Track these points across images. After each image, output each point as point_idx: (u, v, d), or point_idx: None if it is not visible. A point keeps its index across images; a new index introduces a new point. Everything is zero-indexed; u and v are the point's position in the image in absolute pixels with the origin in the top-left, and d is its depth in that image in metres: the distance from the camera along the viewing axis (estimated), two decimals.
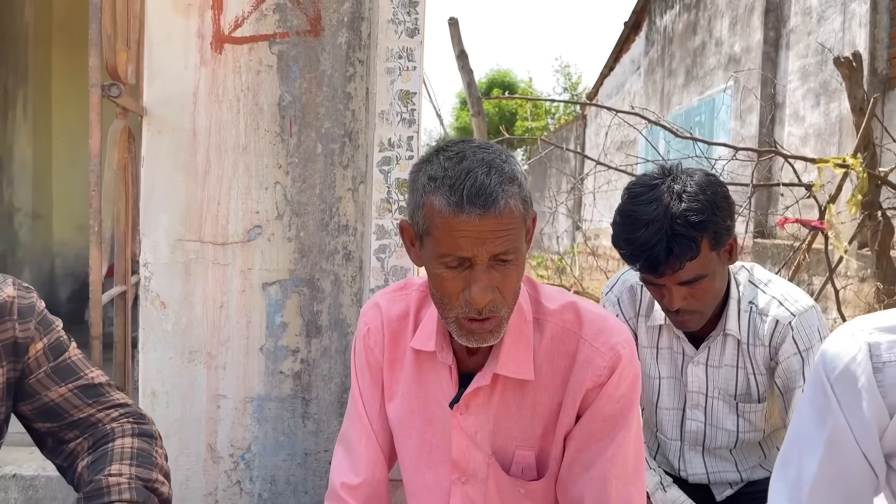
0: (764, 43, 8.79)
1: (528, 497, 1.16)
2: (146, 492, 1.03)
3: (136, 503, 0.99)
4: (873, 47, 6.76)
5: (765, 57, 8.78)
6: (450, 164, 1.02)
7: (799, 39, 8.23)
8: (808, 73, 7.97)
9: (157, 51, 1.56)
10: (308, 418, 1.65)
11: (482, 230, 0.98)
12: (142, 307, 1.59)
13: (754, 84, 8.80)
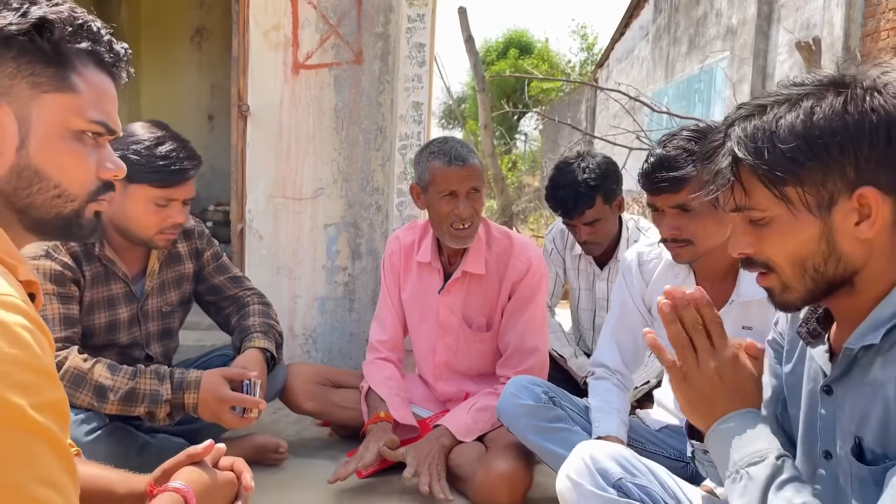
0: (758, 17, 9.14)
1: (481, 342, 2.08)
2: (269, 328, 1.95)
3: (268, 329, 1.91)
4: (848, 26, 7.21)
5: (758, 30, 9.17)
6: (440, 145, 1.93)
7: (788, 14, 8.64)
8: (794, 46, 8.46)
9: (258, 74, 2.44)
10: (353, 311, 2.57)
11: (461, 175, 1.88)
12: (247, 239, 2.51)
13: (748, 55, 9.31)
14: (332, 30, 2.44)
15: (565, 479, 1.18)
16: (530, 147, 25.23)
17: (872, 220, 0.83)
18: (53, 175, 0.83)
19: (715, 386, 0.93)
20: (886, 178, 0.83)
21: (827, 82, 0.86)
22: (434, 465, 1.79)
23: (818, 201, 0.84)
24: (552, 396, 1.77)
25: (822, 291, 0.90)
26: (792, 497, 0.83)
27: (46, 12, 0.81)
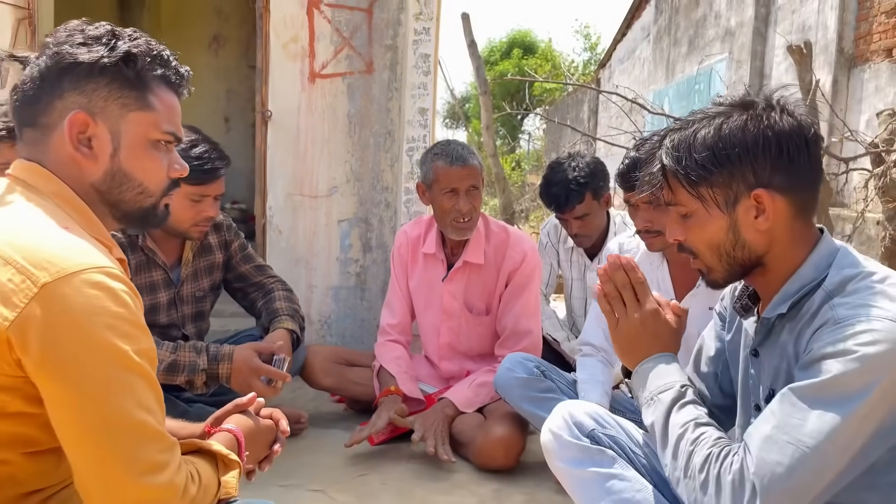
0: (755, 19, 9.29)
1: (481, 325, 2.31)
2: (294, 312, 2.18)
3: (293, 313, 2.14)
4: (841, 29, 7.38)
5: (755, 32, 9.32)
6: (443, 147, 2.17)
7: (785, 17, 8.80)
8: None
9: (278, 82, 2.68)
10: (364, 300, 2.80)
11: (462, 174, 2.12)
12: (268, 233, 2.74)
13: (745, 57, 9.48)
14: (346, 42, 2.68)
15: (547, 432, 1.40)
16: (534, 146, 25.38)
17: (767, 215, 1.06)
18: (137, 176, 1.07)
19: (638, 333, 1.17)
20: (779, 181, 1.06)
21: (737, 103, 1.09)
22: (439, 431, 2.02)
23: (725, 199, 1.07)
24: (543, 370, 2.00)
25: (737, 272, 1.13)
26: (688, 413, 1.07)
27: (130, 46, 1.04)
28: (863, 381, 0.94)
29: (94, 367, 0.88)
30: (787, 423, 0.96)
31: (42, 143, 1.03)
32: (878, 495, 1.04)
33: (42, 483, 0.98)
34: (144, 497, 0.91)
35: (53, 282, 0.87)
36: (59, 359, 0.87)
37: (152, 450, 0.92)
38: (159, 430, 0.93)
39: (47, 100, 1.02)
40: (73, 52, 1.01)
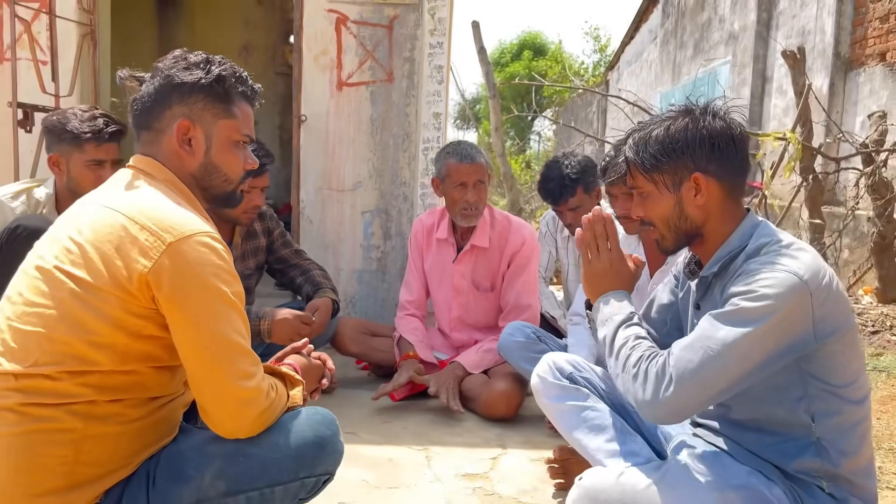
0: (757, 23, 9.51)
1: (486, 301, 2.67)
2: (333, 288, 2.55)
3: (331, 288, 2.52)
4: (838, 33, 7.63)
5: (757, 36, 9.54)
6: (454, 147, 2.54)
7: (785, 22, 9.01)
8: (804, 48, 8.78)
9: (309, 89, 3.05)
10: (384, 282, 3.18)
11: (470, 170, 2.48)
12: (301, 222, 3.12)
13: (748, 60, 9.71)
14: (369, 55, 3.05)
15: (535, 376, 1.77)
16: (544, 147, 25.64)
17: (703, 193, 1.42)
18: (223, 168, 1.44)
19: (606, 271, 1.53)
20: (713, 168, 1.41)
21: (682, 110, 1.44)
22: (450, 387, 2.39)
23: (672, 182, 1.43)
24: (539, 336, 2.37)
25: (682, 240, 1.49)
26: (632, 331, 1.44)
27: (220, 70, 1.42)
28: (760, 312, 1.29)
29: (204, 302, 1.25)
30: (702, 336, 1.33)
31: (155, 143, 1.40)
32: (784, 409, 1.39)
33: (161, 392, 1.35)
34: (241, 395, 1.28)
35: (176, 241, 1.24)
36: (181, 296, 1.24)
37: (245, 363, 1.29)
38: (249, 349, 1.31)
39: (159, 110, 1.39)
40: (180, 75, 1.39)
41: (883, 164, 5.62)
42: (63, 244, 1.29)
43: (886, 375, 3.24)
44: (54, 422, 1.22)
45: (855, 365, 1.41)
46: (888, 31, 6.86)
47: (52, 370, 1.22)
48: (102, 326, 1.23)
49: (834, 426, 1.38)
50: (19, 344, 1.24)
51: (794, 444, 1.40)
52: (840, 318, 1.35)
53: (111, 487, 1.28)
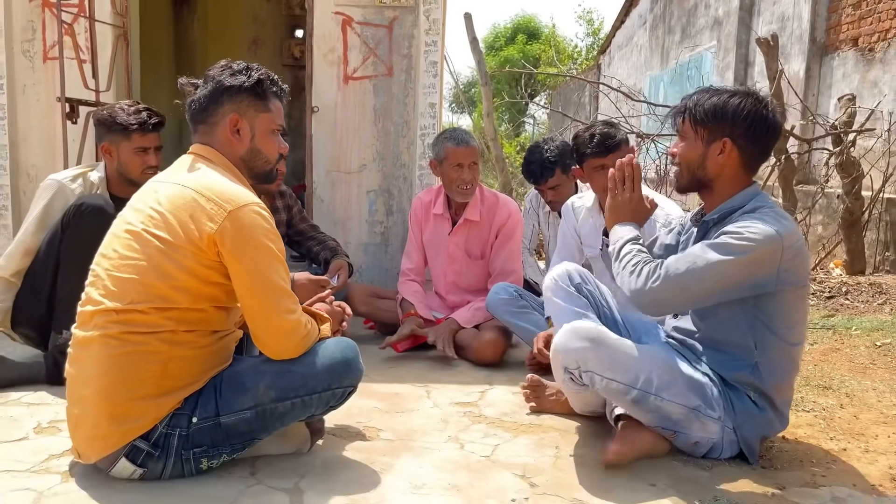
0: (740, 9, 9.78)
1: (477, 267, 3.09)
2: (345, 252, 2.97)
3: (345, 254, 2.94)
4: (814, 20, 7.92)
5: (740, 21, 9.80)
6: (451, 132, 2.95)
7: (766, 8, 9.29)
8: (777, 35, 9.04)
9: (319, 83, 3.44)
10: (387, 253, 3.59)
11: (466, 152, 2.90)
12: (314, 201, 3.52)
13: (732, 45, 10.01)
14: (372, 52, 3.45)
15: (550, 278, 2.18)
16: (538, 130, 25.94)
17: (725, 155, 1.83)
18: (264, 151, 1.85)
19: (626, 203, 1.95)
20: (741, 141, 1.81)
21: (747, 91, 1.83)
22: (446, 338, 2.81)
23: (708, 138, 1.84)
24: (520, 293, 2.79)
25: (694, 185, 1.91)
26: (636, 246, 1.85)
27: (259, 75, 1.83)
28: (740, 248, 1.72)
29: (257, 256, 1.67)
30: (692, 253, 1.77)
31: (210, 134, 1.81)
32: (737, 336, 1.83)
33: (220, 326, 1.77)
34: (285, 325, 1.70)
35: (235, 210, 1.66)
36: (239, 251, 1.66)
37: (288, 301, 1.71)
38: (290, 291, 1.73)
39: (213, 108, 1.80)
40: (229, 80, 1.79)
41: (851, 144, 6.01)
42: (147, 213, 1.70)
43: (833, 332, 3.68)
44: (146, 346, 1.65)
45: (798, 316, 1.85)
46: (860, 18, 7.18)
47: (144, 307, 1.65)
48: (181, 274, 1.65)
49: (769, 357, 1.83)
50: (118, 287, 1.66)
51: (738, 363, 1.85)
52: (798, 276, 1.79)
53: (188, 396, 1.70)
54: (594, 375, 1.83)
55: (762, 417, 1.85)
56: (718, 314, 1.86)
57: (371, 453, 1.92)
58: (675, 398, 1.81)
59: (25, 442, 1.95)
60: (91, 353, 1.66)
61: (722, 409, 1.84)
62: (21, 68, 3.42)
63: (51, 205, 2.57)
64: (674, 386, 1.82)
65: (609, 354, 1.82)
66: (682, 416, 1.83)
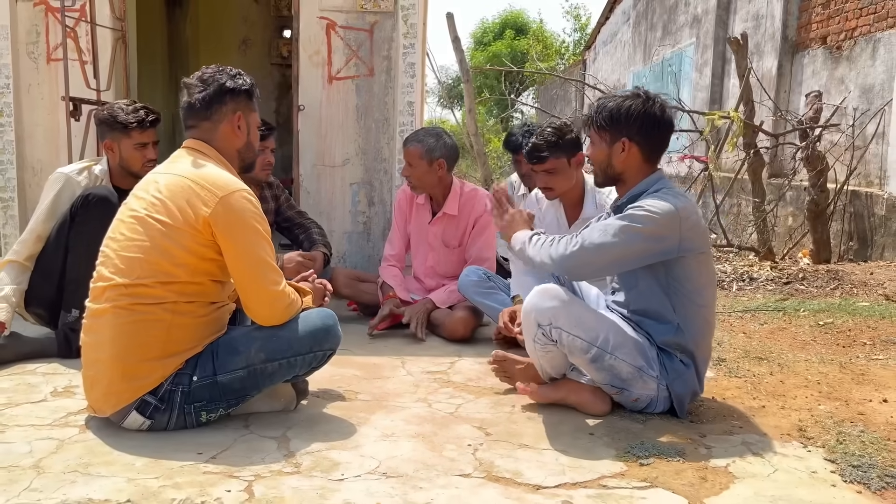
0: (717, 7, 10.03)
1: (454, 255, 3.36)
2: (326, 243, 3.25)
3: (326, 244, 3.22)
4: (786, 18, 8.20)
5: (718, 19, 10.06)
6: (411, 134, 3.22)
7: (742, 6, 9.54)
8: (747, 34, 9.29)
9: (305, 83, 3.70)
10: (369, 241, 3.86)
11: (405, 152, 3.19)
12: (301, 193, 3.79)
13: (710, 42, 10.27)
14: (354, 54, 3.71)
15: None
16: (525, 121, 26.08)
17: (627, 152, 2.13)
18: (253, 143, 2.13)
19: (509, 222, 2.26)
20: (637, 136, 2.11)
21: (635, 94, 2.13)
22: (420, 317, 3.09)
23: (609, 140, 2.14)
24: (489, 276, 3.07)
25: (608, 181, 2.21)
26: (540, 237, 2.13)
27: (250, 80, 2.10)
28: (645, 219, 2.02)
29: (246, 236, 1.94)
30: (606, 223, 2.08)
31: (213, 130, 2.07)
32: (658, 303, 2.13)
33: (216, 298, 2.04)
34: (272, 294, 1.97)
35: (225, 195, 1.92)
36: (231, 232, 1.93)
37: (274, 274, 1.98)
38: (276, 266, 2.00)
39: (217, 106, 2.06)
40: (231, 83, 2.06)
41: (817, 139, 6.32)
42: (149, 200, 1.97)
43: (783, 314, 3.98)
44: (152, 315, 1.91)
45: (703, 279, 2.14)
46: (828, 17, 7.47)
47: (149, 281, 1.91)
48: (180, 252, 1.92)
49: (686, 317, 2.13)
50: (126, 265, 1.93)
51: (664, 326, 2.15)
52: (697, 243, 2.08)
53: (189, 359, 1.97)
54: (562, 332, 2.09)
55: (689, 375, 2.15)
56: (639, 285, 2.15)
57: (349, 411, 2.20)
58: (626, 357, 2.10)
59: (44, 403, 2.21)
60: (104, 322, 1.93)
61: (658, 368, 2.13)
62: (26, 69, 3.66)
63: (59, 195, 2.82)
64: (625, 346, 2.10)
65: (576, 313, 2.10)
66: (630, 375, 2.11)
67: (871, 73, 6.54)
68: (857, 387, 2.55)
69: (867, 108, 6.43)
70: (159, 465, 1.77)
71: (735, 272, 5.33)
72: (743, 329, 3.64)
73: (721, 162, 7.11)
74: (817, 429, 2.12)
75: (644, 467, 1.84)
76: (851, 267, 5.46)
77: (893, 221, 5.92)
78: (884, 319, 3.67)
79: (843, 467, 1.86)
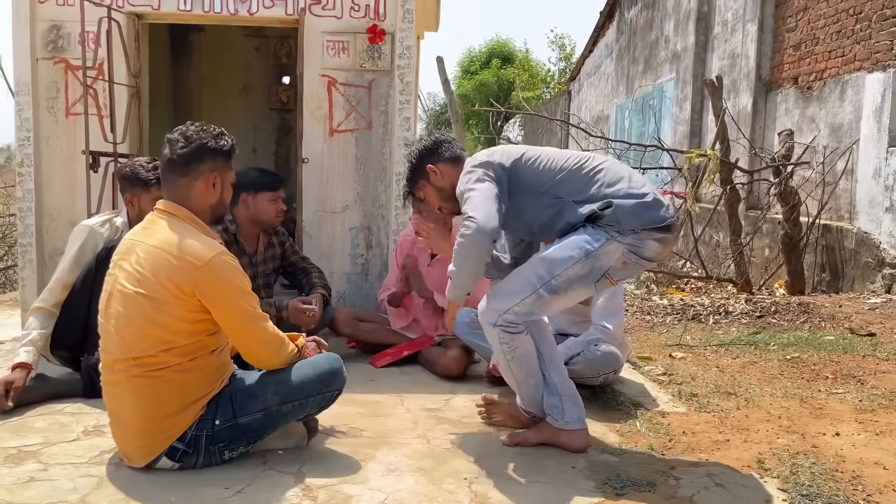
0: (696, 45, 10.43)
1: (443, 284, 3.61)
2: (325, 286, 3.51)
3: (325, 286, 3.47)
4: (759, 59, 8.59)
5: (696, 57, 10.45)
6: None
7: (719, 45, 9.94)
8: (723, 72, 9.54)
9: (308, 136, 3.98)
10: (367, 281, 4.12)
11: None
12: (303, 237, 4.05)
13: (689, 78, 10.67)
14: (353, 108, 4.00)
15: None
16: None
17: (440, 173, 2.60)
18: (225, 199, 2.32)
19: None
20: (434, 159, 2.58)
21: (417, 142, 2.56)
22: None
23: (424, 179, 2.59)
24: None
25: (454, 199, 2.54)
26: None
27: (232, 140, 2.31)
28: (476, 169, 2.29)
29: (230, 294, 2.13)
30: None
31: (188, 186, 2.19)
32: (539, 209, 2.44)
33: (216, 346, 2.25)
34: (263, 338, 2.20)
35: (203, 264, 2.08)
36: (215, 294, 2.10)
37: (260, 320, 2.20)
38: (261, 313, 2.20)
39: (196, 164, 2.20)
40: (213, 143, 2.22)
41: (789, 175, 6.66)
42: (133, 274, 2.11)
43: (755, 347, 4.26)
44: (163, 378, 2.12)
45: (545, 177, 2.46)
46: (800, 58, 7.87)
47: (153, 352, 2.11)
48: (173, 321, 2.10)
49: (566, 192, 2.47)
50: (127, 342, 2.12)
51: (565, 216, 2.42)
52: (512, 152, 2.54)
53: (209, 403, 2.20)
54: (510, 312, 2.36)
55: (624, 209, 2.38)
56: (523, 216, 2.51)
57: (356, 447, 2.44)
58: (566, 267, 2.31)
59: (78, 442, 2.44)
60: (121, 390, 2.14)
61: (597, 233, 2.32)
62: (46, 122, 3.91)
63: (84, 246, 3.07)
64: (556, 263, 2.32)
65: (502, 292, 2.40)
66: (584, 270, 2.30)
67: (840, 112, 6.91)
68: (815, 420, 2.82)
69: (837, 146, 6.79)
70: (193, 500, 2.00)
71: (712, 305, 5.62)
72: (717, 363, 3.91)
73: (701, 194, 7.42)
74: (774, 461, 2.38)
75: (620, 498, 2.09)
76: (823, 299, 5.76)
77: (862, 255, 6.25)
78: (846, 354, 3.96)
79: (793, 496, 2.12)
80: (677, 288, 7.00)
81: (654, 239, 2.33)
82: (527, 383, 2.54)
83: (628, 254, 2.33)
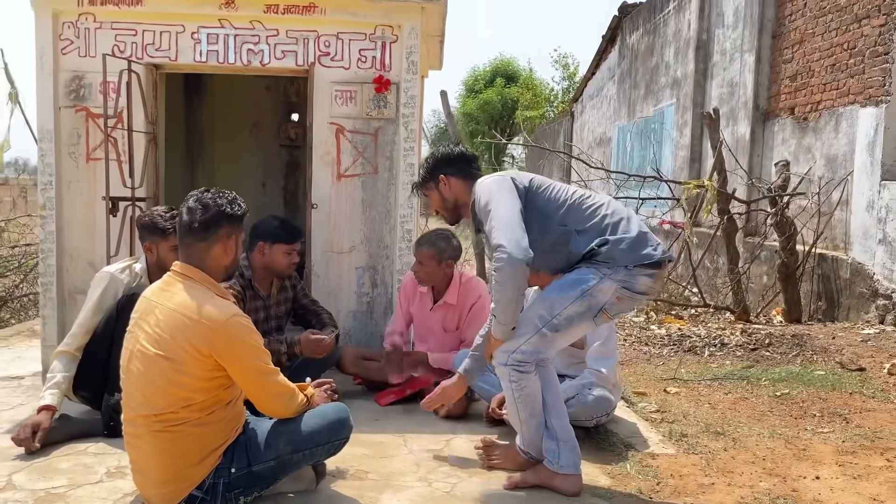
0: (695, 72, 10.59)
1: (451, 337, 3.80)
2: (335, 326, 3.68)
3: (333, 325, 3.65)
4: (757, 89, 8.74)
5: (696, 84, 10.60)
6: (423, 236, 3.67)
7: (718, 73, 10.08)
8: (722, 99, 9.72)
9: (317, 181, 4.17)
10: (372, 319, 4.30)
11: (420, 253, 3.67)
12: (312, 277, 4.23)
13: (689, 104, 10.82)
14: (360, 154, 4.19)
15: None
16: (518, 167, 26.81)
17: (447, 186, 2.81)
18: (237, 258, 2.47)
19: None
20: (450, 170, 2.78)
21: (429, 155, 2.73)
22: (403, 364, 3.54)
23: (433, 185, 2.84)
24: None
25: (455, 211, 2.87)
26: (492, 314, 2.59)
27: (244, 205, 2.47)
28: (494, 186, 2.44)
29: (245, 353, 2.29)
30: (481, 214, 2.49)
31: (205, 250, 2.35)
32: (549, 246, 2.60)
33: (231, 398, 2.40)
34: (274, 390, 2.36)
35: (219, 326, 2.24)
36: (230, 354, 2.25)
37: (272, 374, 2.35)
38: (273, 367, 2.35)
39: (215, 228, 2.36)
40: (230, 209, 2.39)
41: (785, 205, 6.81)
42: (153, 336, 2.26)
43: (746, 382, 4.40)
44: (183, 432, 2.27)
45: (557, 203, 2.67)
46: (796, 89, 8.03)
47: (173, 408, 2.26)
48: (192, 380, 2.25)
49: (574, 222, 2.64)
50: (149, 400, 2.27)
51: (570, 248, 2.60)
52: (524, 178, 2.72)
53: (225, 452, 2.36)
54: (518, 352, 2.55)
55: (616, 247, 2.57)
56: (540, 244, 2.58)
57: (361, 490, 2.60)
58: (564, 306, 2.50)
59: (101, 484, 2.60)
60: (143, 443, 2.29)
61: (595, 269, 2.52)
62: (67, 167, 4.11)
63: (105, 292, 3.25)
64: (555, 303, 2.52)
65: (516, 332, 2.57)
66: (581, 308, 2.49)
67: (835, 143, 7.07)
68: (797, 463, 2.97)
69: (832, 177, 6.94)
70: None
71: (709, 335, 5.76)
72: (710, 398, 4.06)
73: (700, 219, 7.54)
74: None
75: None
76: (817, 329, 5.89)
77: (857, 284, 6.38)
78: (834, 391, 4.10)
79: None
80: (676, 316, 7.14)
81: (646, 275, 2.52)
82: (529, 423, 2.70)
83: (621, 289, 2.51)
